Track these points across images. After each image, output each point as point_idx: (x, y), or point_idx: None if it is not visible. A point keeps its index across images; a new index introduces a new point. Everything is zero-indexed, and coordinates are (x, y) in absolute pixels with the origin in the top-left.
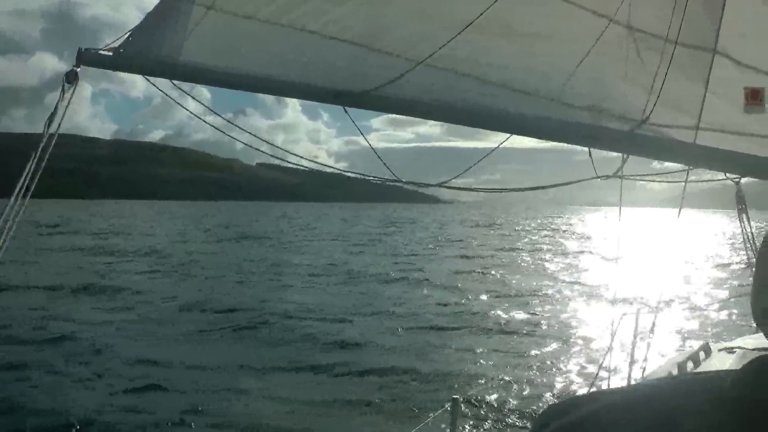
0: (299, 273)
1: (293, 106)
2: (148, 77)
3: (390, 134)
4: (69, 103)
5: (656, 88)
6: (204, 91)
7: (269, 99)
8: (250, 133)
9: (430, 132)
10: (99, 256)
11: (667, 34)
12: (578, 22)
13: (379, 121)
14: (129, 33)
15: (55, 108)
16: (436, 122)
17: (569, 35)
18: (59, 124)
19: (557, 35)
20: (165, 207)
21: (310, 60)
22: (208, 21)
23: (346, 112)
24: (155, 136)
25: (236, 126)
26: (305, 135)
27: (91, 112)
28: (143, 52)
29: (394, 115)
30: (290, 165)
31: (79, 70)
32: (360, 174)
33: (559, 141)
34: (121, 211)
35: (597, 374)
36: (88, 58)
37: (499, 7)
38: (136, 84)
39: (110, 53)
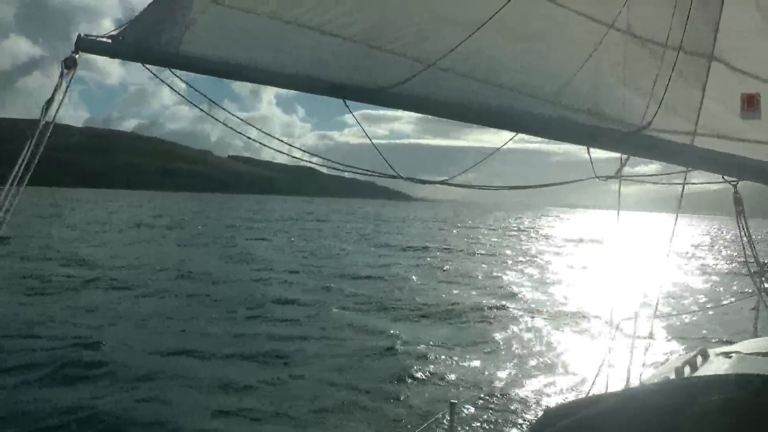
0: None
1: (268, 99)
2: (147, 66)
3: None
4: (68, 89)
5: (655, 93)
6: (178, 82)
7: (244, 91)
8: (269, 131)
9: (404, 129)
10: None
11: (666, 41)
12: (580, 28)
13: (352, 117)
14: (129, 22)
15: (53, 94)
16: (410, 120)
17: (571, 41)
18: (57, 111)
19: (559, 40)
20: (128, 197)
21: (314, 54)
22: (211, 13)
23: (346, 105)
24: (129, 125)
25: (253, 124)
26: (279, 128)
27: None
28: (143, 41)
29: (368, 112)
30: (262, 159)
31: (78, 56)
32: (365, 171)
33: (562, 140)
34: (76, 198)
35: (595, 378)
36: (87, 44)
37: (504, 12)
38: (111, 72)
39: (109, 40)
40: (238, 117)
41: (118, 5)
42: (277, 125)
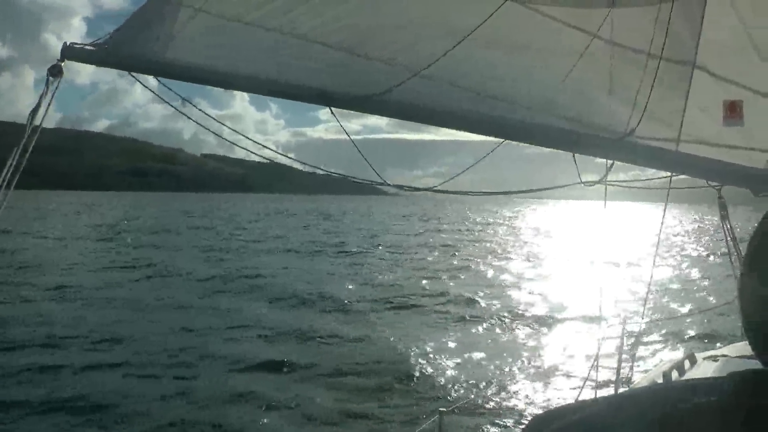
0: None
1: (241, 96)
2: (133, 74)
3: (337, 126)
4: (53, 97)
5: (639, 101)
6: (150, 79)
7: (216, 89)
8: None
9: (377, 124)
10: None
11: (648, 50)
12: (564, 37)
13: (326, 113)
14: (114, 30)
15: (39, 101)
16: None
17: (555, 50)
18: (43, 117)
19: (544, 50)
20: (86, 198)
21: (301, 63)
22: (198, 22)
23: (332, 113)
24: (101, 125)
25: (227, 125)
26: (253, 126)
27: (32, 101)
28: (129, 50)
29: (339, 109)
30: (235, 157)
31: (63, 64)
32: (347, 176)
33: (548, 147)
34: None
35: (583, 384)
36: (72, 53)
37: (491, 21)
38: (81, 71)
39: (95, 48)
40: (212, 116)
41: (87, 3)
42: (250, 122)
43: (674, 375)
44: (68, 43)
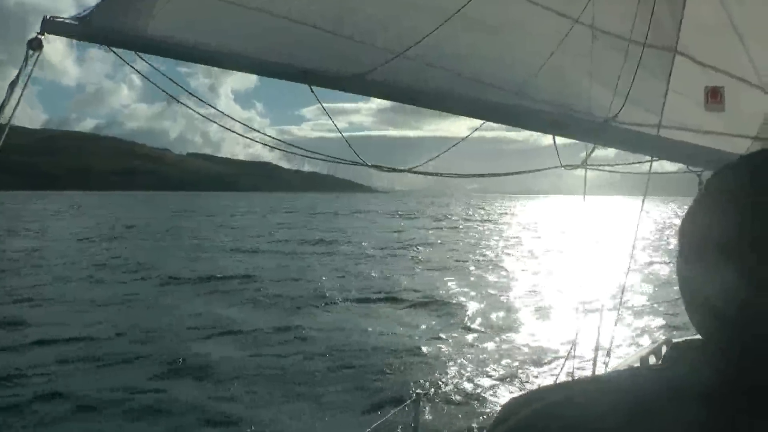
0: None
1: (226, 93)
2: (113, 49)
3: (322, 123)
4: (32, 70)
5: (621, 86)
6: (135, 79)
7: (202, 87)
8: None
9: (363, 120)
10: None
11: (630, 35)
12: (546, 22)
13: (310, 111)
14: (95, 4)
15: (18, 75)
16: (369, 112)
17: (538, 34)
18: (23, 91)
19: (526, 33)
20: (61, 200)
21: (283, 40)
22: None
23: (312, 91)
24: (88, 125)
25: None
26: (239, 125)
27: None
28: (110, 24)
29: (326, 105)
30: (221, 155)
31: (43, 38)
32: (333, 159)
33: (529, 129)
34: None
35: (561, 369)
36: (52, 26)
37: (474, 4)
38: (68, 71)
39: (76, 22)
40: (206, 101)
41: (73, 4)
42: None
43: (652, 359)
44: (48, 17)
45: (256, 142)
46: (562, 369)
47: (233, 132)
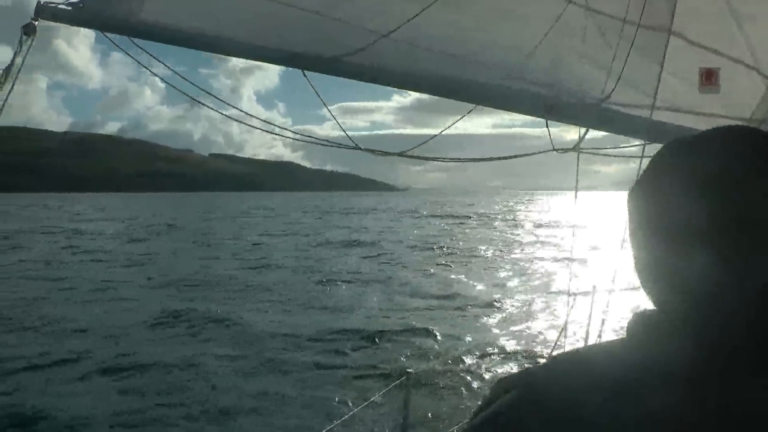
0: None
1: (248, 95)
2: (106, 34)
3: (344, 123)
4: (26, 56)
5: (614, 67)
6: (157, 81)
7: (224, 89)
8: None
9: (384, 119)
10: None
11: (624, 16)
12: (539, 2)
13: (333, 110)
14: None
15: (12, 60)
16: (390, 110)
17: (530, 15)
18: (17, 75)
19: (518, 14)
20: (91, 200)
21: (272, 24)
22: None
23: (305, 75)
24: (112, 127)
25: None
26: (261, 125)
27: (44, 106)
28: (103, 9)
29: (347, 104)
30: (243, 156)
31: (37, 23)
32: (323, 142)
33: (521, 112)
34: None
35: (552, 349)
36: (46, 11)
37: None
38: (93, 76)
39: (69, 7)
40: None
41: None
42: (257, 122)
43: None
44: (42, 2)
45: (267, 132)
46: (553, 349)
47: (246, 124)
